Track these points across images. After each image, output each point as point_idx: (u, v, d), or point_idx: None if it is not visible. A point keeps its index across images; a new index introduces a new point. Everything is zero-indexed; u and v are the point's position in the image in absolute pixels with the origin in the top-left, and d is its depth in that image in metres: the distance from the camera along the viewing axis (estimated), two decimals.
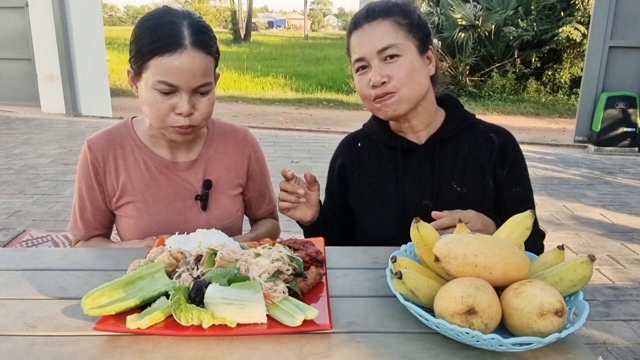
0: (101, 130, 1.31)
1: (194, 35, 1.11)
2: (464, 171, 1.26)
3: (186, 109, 1.12)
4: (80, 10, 7.03)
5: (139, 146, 1.29)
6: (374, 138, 1.34)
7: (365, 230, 1.34)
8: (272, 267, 0.88)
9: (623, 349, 2.20)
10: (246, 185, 1.40)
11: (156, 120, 1.16)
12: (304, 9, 46.59)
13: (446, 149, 1.28)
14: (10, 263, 1.06)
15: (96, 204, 1.30)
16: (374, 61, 1.17)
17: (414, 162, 1.28)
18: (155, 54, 1.09)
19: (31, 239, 3.16)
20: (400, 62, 1.16)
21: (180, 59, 1.09)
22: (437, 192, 1.25)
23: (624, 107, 5.91)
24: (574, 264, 0.83)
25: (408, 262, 0.90)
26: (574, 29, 9.22)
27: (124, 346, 0.77)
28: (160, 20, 1.12)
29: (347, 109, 9.27)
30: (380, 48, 1.16)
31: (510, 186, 1.28)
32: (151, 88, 1.12)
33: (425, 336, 0.81)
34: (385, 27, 1.17)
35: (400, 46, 1.16)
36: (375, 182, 1.31)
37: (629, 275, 2.89)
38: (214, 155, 1.34)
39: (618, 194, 4.46)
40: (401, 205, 1.27)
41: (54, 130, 6.37)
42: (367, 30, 1.18)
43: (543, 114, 8.78)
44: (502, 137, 1.29)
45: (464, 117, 1.30)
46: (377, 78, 1.16)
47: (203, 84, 1.13)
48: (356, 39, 1.20)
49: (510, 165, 1.28)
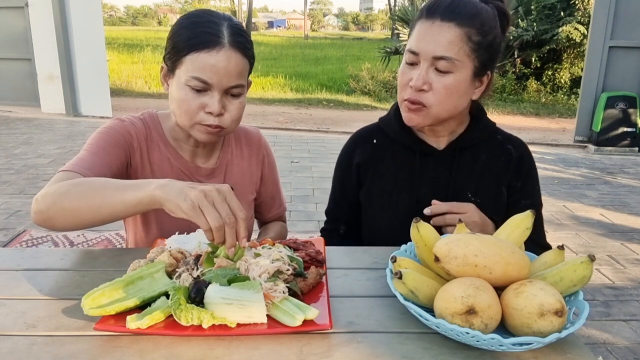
0: (135, 116, 1.24)
1: (232, 36, 1.10)
2: (480, 181, 1.25)
3: (217, 108, 1.10)
4: (80, 10, 7.03)
5: (165, 143, 1.24)
6: (391, 136, 1.29)
7: (374, 230, 1.31)
8: (272, 267, 0.88)
9: (623, 349, 2.20)
10: (259, 188, 1.38)
11: (184, 117, 1.12)
12: (304, 9, 46.57)
13: (464, 157, 1.25)
14: (10, 263, 1.06)
15: (108, 159, 1.13)
16: (425, 63, 1.10)
17: (431, 166, 1.25)
18: (191, 50, 1.08)
19: (31, 239, 3.16)
20: (448, 79, 1.10)
21: (217, 57, 1.07)
22: (451, 199, 1.22)
23: (624, 107, 5.91)
24: (574, 264, 0.83)
25: (408, 262, 0.90)
26: (574, 29, 9.23)
27: (124, 346, 0.76)
28: (200, 19, 1.11)
29: (347, 109, 9.27)
30: (437, 55, 1.09)
31: (521, 198, 1.28)
32: (183, 84, 1.10)
33: (425, 336, 0.81)
34: (454, 35, 1.08)
35: (458, 63, 1.09)
36: (389, 183, 1.28)
37: (629, 275, 2.89)
38: (231, 160, 1.32)
39: (618, 194, 4.46)
40: (413, 208, 1.23)
41: (54, 130, 6.37)
42: (435, 29, 1.09)
43: (543, 114, 8.78)
44: (519, 149, 1.29)
45: (486, 126, 1.27)
46: (419, 83, 1.10)
47: (236, 85, 1.11)
48: (420, 30, 1.12)
49: (525, 179, 1.28)
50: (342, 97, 10.34)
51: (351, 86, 11.11)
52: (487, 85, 1.19)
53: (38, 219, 0.99)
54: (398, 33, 10.66)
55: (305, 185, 4.49)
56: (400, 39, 10.45)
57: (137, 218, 1.27)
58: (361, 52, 20.63)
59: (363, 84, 10.88)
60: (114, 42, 19.04)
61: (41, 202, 0.97)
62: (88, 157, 1.10)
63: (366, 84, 10.84)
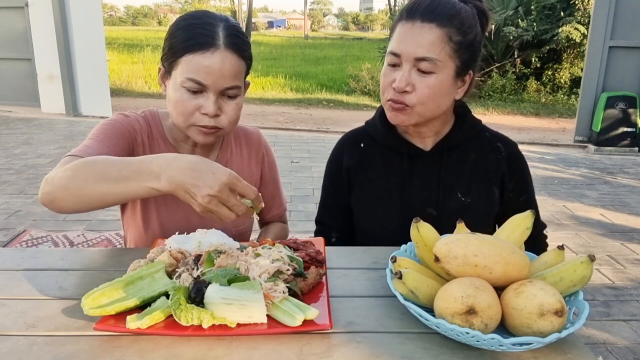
0: (138, 113, 1.25)
1: (228, 37, 1.10)
2: (470, 181, 1.25)
3: (212, 109, 1.10)
4: (80, 10, 7.03)
5: (164, 141, 1.25)
6: (378, 140, 1.29)
7: (367, 234, 1.31)
8: (272, 267, 0.88)
9: (623, 349, 2.20)
10: (259, 188, 1.38)
11: (180, 118, 1.13)
12: (304, 9, 46.54)
13: (453, 157, 1.25)
14: (10, 263, 1.06)
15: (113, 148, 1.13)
16: (407, 64, 1.11)
17: (420, 168, 1.25)
18: (187, 52, 1.08)
19: (31, 239, 3.16)
20: (430, 80, 1.10)
21: (212, 58, 1.08)
22: (442, 200, 1.23)
23: (624, 107, 5.91)
24: (574, 264, 0.83)
25: (408, 262, 0.90)
26: (574, 29, 9.22)
27: (124, 346, 0.76)
28: (197, 21, 1.11)
29: (347, 109, 9.27)
30: (419, 56, 1.09)
31: (518, 196, 1.28)
32: (179, 86, 1.10)
33: (425, 336, 0.81)
34: (435, 36, 1.08)
35: (440, 63, 1.09)
36: (379, 186, 1.28)
37: (629, 275, 2.89)
38: (230, 159, 1.32)
39: (618, 194, 4.46)
40: (405, 211, 1.24)
41: (54, 130, 6.37)
42: (416, 30, 1.09)
43: (543, 114, 8.78)
44: (509, 147, 1.29)
45: (472, 125, 1.27)
46: (402, 84, 1.11)
47: (232, 87, 1.12)
48: (401, 31, 1.12)
49: (518, 176, 1.28)
50: (342, 97, 10.34)
51: (351, 86, 11.10)
52: (469, 84, 1.19)
53: (45, 200, 0.98)
54: None
55: (305, 185, 4.49)
56: None
57: (137, 218, 1.27)
58: (361, 52, 20.62)
59: (363, 84, 10.88)
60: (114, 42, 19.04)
61: (48, 185, 0.97)
62: (95, 145, 1.10)
63: (366, 84, 10.84)
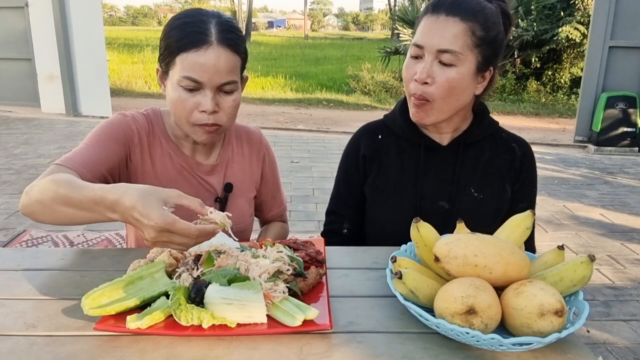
0: (139, 111, 1.26)
1: (220, 33, 1.10)
2: (483, 178, 1.26)
3: (210, 106, 1.10)
4: (80, 10, 7.03)
5: (166, 139, 1.25)
6: (396, 131, 1.31)
7: (376, 224, 1.31)
8: (272, 267, 0.88)
9: (623, 349, 2.20)
10: (259, 187, 1.39)
11: (180, 118, 1.14)
12: (304, 9, 46.58)
13: (469, 153, 1.27)
14: (10, 263, 1.06)
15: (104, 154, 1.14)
16: (429, 56, 1.13)
17: (436, 162, 1.27)
18: (181, 51, 1.09)
19: (31, 239, 3.16)
20: (451, 72, 1.12)
21: (205, 55, 1.08)
22: (455, 195, 1.25)
23: (624, 107, 5.91)
24: (574, 264, 0.83)
25: (408, 262, 0.90)
26: (574, 29, 9.23)
27: (124, 346, 0.76)
28: (190, 19, 1.12)
29: (347, 109, 9.27)
30: (441, 48, 1.11)
31: (518, 201, 1.29)
32: (176, 85, 1.11)
33: (425, 336, 0.81)
34: (458, 29, 1.11)
35: (461, 56, 1.11)
36: (394, 176, 1.29)
37: (629, 275, 2.89)
38: (232, 158, 1.33)
39: (618, 194, 4.46)
40: (417, 203, 1.25)
41: (54, 130, 6.37)
42: (440, 23, 1.12)
43: (543, 114, 8.78)
44: (523, 148, 1.30)
45: (489, 124, 1.29)
46: (423, 76, 1.13)
47: (227, 82, 1.12)
48: (426, 24, 1.14)
49: (524, 180, 1.29)
50: (342, 97, 10.35)
51: (351, 86, 11.11)
52: (489, 81, 1.20)
53: (24, 212, 1.02)
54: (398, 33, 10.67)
55: (305, 185, 4.49)
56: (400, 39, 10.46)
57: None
58: (361, 52, 20.64)
59: (363, 84, 10.89)
60: (114, 42, 19.05)
61: (26, 197, 1.00)
62: (84, 152, 1.12)
63: (366, 84, 10.84)
